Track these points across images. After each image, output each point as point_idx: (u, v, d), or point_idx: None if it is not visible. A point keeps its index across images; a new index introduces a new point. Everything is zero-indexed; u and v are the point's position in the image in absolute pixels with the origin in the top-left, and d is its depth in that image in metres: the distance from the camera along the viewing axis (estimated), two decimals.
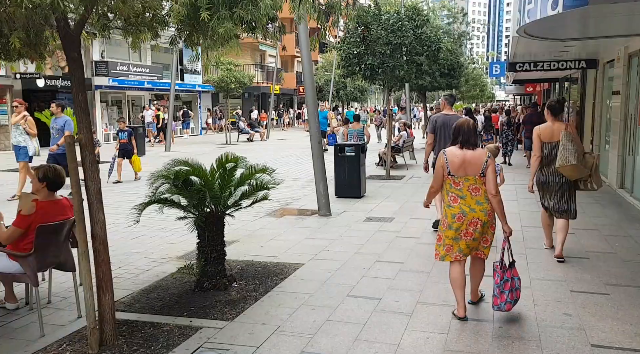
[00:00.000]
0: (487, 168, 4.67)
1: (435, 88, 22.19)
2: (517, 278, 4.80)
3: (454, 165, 4.72)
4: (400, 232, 8.12)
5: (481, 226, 4.68)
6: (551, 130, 6.41)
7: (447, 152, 4.80)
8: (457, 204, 4.72)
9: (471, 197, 4.70)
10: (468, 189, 4.72)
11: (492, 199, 4.65)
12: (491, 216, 4.72)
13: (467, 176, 4.71)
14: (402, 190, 12.03)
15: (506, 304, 4.66)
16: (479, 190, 4.70)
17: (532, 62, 14.62)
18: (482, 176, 4.68)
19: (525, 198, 10.62)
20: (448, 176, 4.77)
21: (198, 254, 5.66)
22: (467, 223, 4.68)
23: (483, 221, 4.67)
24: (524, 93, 40.04)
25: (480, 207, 4.67)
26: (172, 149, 21.99)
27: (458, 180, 4.73)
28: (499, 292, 4.66)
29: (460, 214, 4.69)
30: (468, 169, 4.70)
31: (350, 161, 11.09)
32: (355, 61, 12.95)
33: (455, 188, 4.75)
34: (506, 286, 4.67)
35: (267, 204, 10.41)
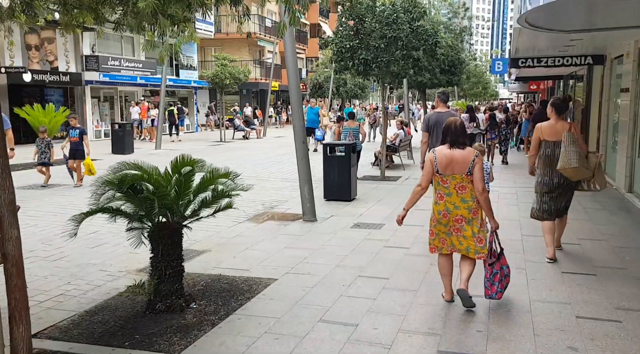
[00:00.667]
0: (475, 167, 4.78)
1: (435, 85, 21.41)
2: (506, 267, 5.01)
3: (442, 164, 4.86)
4: (389, 241, 7.42)
5: (466, 223, 4.88)
6: (554, 129, 6.25)
7: (437, 151, 4.93)
8: (443, 202, 4.93)
9: (457, 195, 4.86)
10: (455, 187, 4.86)
11: (479, 197, 4.80)
12: (476, 214, 4.87)
13: (454, 175, 4.85)
14: (396, 192, 11.32)
15: (497, 294, 4.94)
16: (466, 188, 4.84)
17: (536, 58, 13.89)
18: (469, 175, 4.81)
19: (526, 203, 9.90)
20: (436, 174, 4.92)
21: (151, 270, 4.97)
22: (452, 220, 4.91)
23: (467, 218, 4.86)
24: (528, 91, 39.24)
25: (465, 205, 4.85)
26: (162, 147, 21.29)
27: (445, 178, 4.88)
28: (489, 284, 4.94)
29: (444, 211, 4.92)
30: (455, 167, 4.83)
31: (340, 161, 10.39)
32: (348, 55, 12.22)
33: (443, 186, 4.91)
34: (496, 278, 4.92)
35: (251, 208, 9.75)
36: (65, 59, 23.39)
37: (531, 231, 7.83)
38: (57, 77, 22.64)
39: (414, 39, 12.11)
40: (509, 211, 9.30)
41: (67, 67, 23.44)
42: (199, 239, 7.51)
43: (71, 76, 23.43)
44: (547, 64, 13.70)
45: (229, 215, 9.12)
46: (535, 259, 6.53)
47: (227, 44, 38.98)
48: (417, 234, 7.78)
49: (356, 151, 10.87)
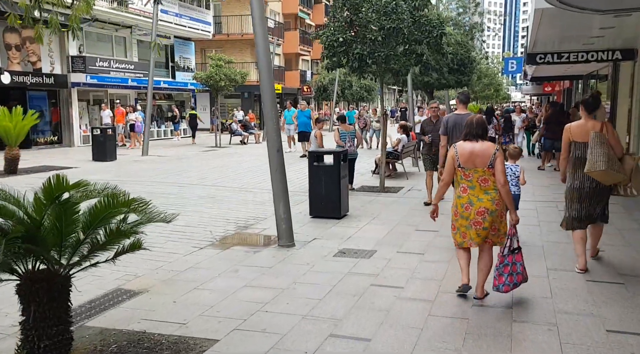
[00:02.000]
0: (496, 160, 4.90)
1: (443, 86, 19.86)
2: (520, 264, 5.02)
3: (464, 157, 5.00)
4: (379, 276, 5.86)
5: (489, 215, 4.94)
6: (585, 129, 5.86)
7: (457, 146, 5.10)
8: (466, 195, 5.04)
9: (480, 188, 4.98)
10: (477, 181, 4.99)
11: (500, 189, 4.90)
12: (499, 205, 4.95)
13: (476, 168, 4.97)
14: (395, 207, 9.76)
15: (504, 286, 4.93)
16: (488, 181, 4.94)
17: (556, 53, 12.29)
18: (490, 168, 4.91)
19: (549, 222, 8.32)
20: (458, 168, 5.05)
21: (20, 341, 3.46)
22: (475, 212, 4.97)
23: (490, 209, 4.93)
24: (542, 93, 37.49)
25: (488, 197, 4.95)
26: (150, 153, 19.86)
27: (468, 172, 5.00)
28: (497, 274, 4.97)
29: (467, 204, 5.01)
30: (476, 161, 4.96)
31: (327, 172, 8.86)
32: (341, 50, 10.69)
33: (466, 179, 5.04)
34: (505, 270, 4.94)
35: (221, 227, 8.24)
36: (50, 59, 22.04)
37: (558, 263, 6.23)
38: (40, 79, 21.28)
39: (416, 30, 10.55)
40: (530, 233, 7.68)
41: (52, 69, 22.09)
42: (141, 273, 6.00)
43: (56, 78, 22.08)
44: (569, 60, 12.10)
45: (192, 238, 7.65)
46: (568, 308, 4.95)
47: (228, 46, 37.60)
48: (415, 266, 6.21)
49: (347, 159, 9.30)
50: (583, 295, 5.24)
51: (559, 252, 6.71)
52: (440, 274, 5.91)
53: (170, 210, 9.42)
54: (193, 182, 12.94)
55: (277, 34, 40.79)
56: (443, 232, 7.85)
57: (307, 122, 18.96)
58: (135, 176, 13.90)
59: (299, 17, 46.77)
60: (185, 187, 12.13)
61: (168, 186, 12.29)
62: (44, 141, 22.38)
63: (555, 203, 9.92)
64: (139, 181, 13.08)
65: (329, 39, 10.70)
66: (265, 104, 7.17)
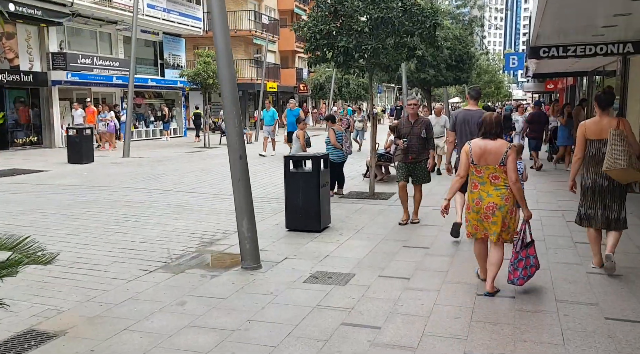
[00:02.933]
0: (508, 158, 5.04)
1: (441, 83, 18.80)
2: (533, 256, 5.16)
3: (477, 155, 5.17)
4: (353, 311, 4.84)
5: (497, 210, 5.06)
6: (600, 126, 5.64)
7: (472, 143, 5.27)
8: (477, 190, 5.22)
9: (490, 184, 5.13)
10: (488, 177, 5.14)
11: (512, 187, 5.03)
12: (508, 201, 5.07)
13: (487, 165, 5.13)
14: (383, 217, 8.74)
15: (519, 280, 5.07)
16: (499, 178, 5.11)
17: (561, 46, 11.24)
18: (502, 165, 5.07)
19: (555, 236, 7.31)
20: (471, 165, 5.22)
21: None
22: (484, 207, 5.13)
23: (499, 205, 5.06)
24: (544, 91, 36.41)
25: (498, 193, 5.09)
26: (131, 154, 18.84)
27: (480, 168, 5.17)
28: (512, 269, 5.10)
29: (478, 199, 5.19)
30: (489, 158, 5.12)
31: (305, 179, 7.84)
32: (324, 43, 9.66)
33: (477, 175, 5.21)
34: (519, 265, 5.07)
35: (181, 244, 7.22)
36: (29, 56, 21.02)
37: (569, 294, 5.20)
38: (17, 76, 20.27)
39: (407, 21, 9.52)
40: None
41: (31, 66, 21.07)
42: (67, 306, 4.99)
43: (35, 76, 21.06)
44: (576, 54, 11.06)
45: (144, 258, 6.61)
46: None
47: None
48: (397, 296, 5.19)
49: (328, 164, 8.28)
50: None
51: (570, 277, 5.69)
52: (427, 308, 4.89)
53: (128, 222, 8.49)
54: (167, 187, 11.92)
55: (272, 31, 39.76)
56: (434, 250, 6.84)
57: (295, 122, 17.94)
58: (106, 181, 12.89)
59: (295, 13, 45.71)
60: (156, 194, 11.10)
61: (137, 192, 11.26)
62: (23, 141, 21.36)
63: (561, 212, 8.92)
64: (108, 186, 12.07)
65: (310, 31, 9.67)
66: (225, 102, 6.15)
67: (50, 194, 11.03)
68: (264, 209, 9.35)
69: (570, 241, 7.15)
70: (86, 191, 11.45)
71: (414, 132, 8.12)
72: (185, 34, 30.21)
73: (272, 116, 19.29)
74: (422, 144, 8.14)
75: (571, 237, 7.29)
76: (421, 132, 8.14)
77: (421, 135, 8.12)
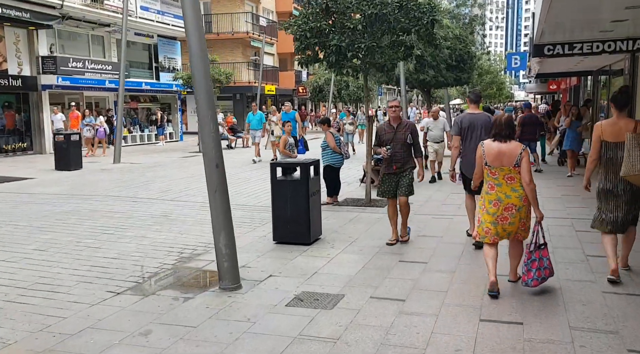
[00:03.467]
0: (522, 159, 5.10)
1: (441, 84, 18.19)
2: (547, 258, 5.14)
3: (490, 156, 5.21)
4: (338, 343, 4.24)
5: (516, 211, 5.14)
6: (617, 127, 5.42)
7: (485, 145, 5.29)
8: (494, 192, 5.23)
9: (507, 185, 5.17)
10: (504, 178, 5.18)
11: (526, 188, 5.07)
12: (526, 201, 5.14)
13: (502, 166, 5.16)
14: (379, 227, 8.16)
15: (533, 281, 5.05)
16: (514, 179, 5.14)
17: (567, 44, 10.64)
18: (516, 167, 5.10)
19: (564, 248, 6.70)
20: (485, 167, 5.27)
21: None
22: (503, 208, 5.16)
23: (518, 206, 5.13)
24: (547, 91, 35.81)
25: (515, 194, 5.13)
26: (123, 160, 18.27)
27: (494, 170, 5.21)
28: (526, 270, 5.10)
29: (496, 200, 5.20)
30: (503, 160, 5.15)
31: (294, 188, 7.26)
32: (314, 42, 9.08)
33: (492, 177, 5.24)
34: (533, 265, 5.07)
35: (157, 259, 6.64)
36: (17, 60, 20.47)
37: (583, 319, 4.59)
38: (6, 81, 19.72)
39: (402, 17, 8.94)
40: None
41: (20, 70, 20.52)
42: (15, 337, 4.41)
43: (24, 80, 20.50)
44: (582, 51, 10.47)
45: (113, 277, 5.97)
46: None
47: (218, 45, 36.08)
48: (390, 322, 4.59)
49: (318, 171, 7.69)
50: None
51: (584, 297, 5.09)
52: (423, 338, 4.29)
53: (104, 235, 7.90)
54: (153, 196, 11.33)
55: (270, 33, 39.24)
56: (433, 265, 6.24)
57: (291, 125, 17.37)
58: (91, 189, 12.31)
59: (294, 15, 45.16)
60: (140, 203, 10.51)
61: (121, 201, 10.68)
62: (12, 147, 20.81)
63: (570, 220, 8.31)
64: (92, 195, 11.49)
65: (300, 29, 9.10)
66: (200, 104, 5.57)
67: (28, 204, 10.45)
68: (252, 219, 8.77)
69: (582, 253, 6.54)
70: (66, 200, 10.87)
71: (397, 139, 7.08)
72: (181, 37, 29.66)
73: (259, 120, 18.31)
74: (407, 151, 7.11)
75: (582, 250, 6.68)
76: (406, 137, 7.07)
77: (406, 141, 7.06)
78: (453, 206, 9.55)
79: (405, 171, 7.17)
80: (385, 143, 7.16)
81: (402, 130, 7.14)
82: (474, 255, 6.59)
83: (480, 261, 6.14)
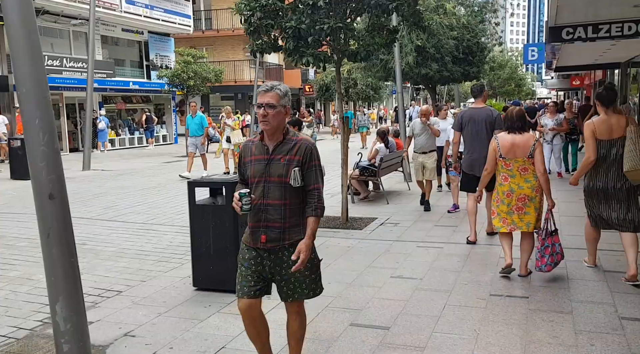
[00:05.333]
0: (535, 150, 5.28)
1: (447, 79, 16.17)
2: (558, 244, 5.33)
3: (505, 148, 5.37)
4: None
5: (529, 201, 5.31)
6: (608, 124, 5.26)
7: (499, 138, 5.46)
8: (507, 183, 5.41)
9: (520, 176, 5.35)
10: (517, 170, 5.36)
11: (540, 177, 5.27)
12: (538, 192, 5.32)
13: (516, 158, 5.34)
14: (345, 261, 6.24)
15: (546, 266, 5.24)
16: (528, 170, 5.33)
17: (590, 25, 8.59)
18: (530, 158, 5.29)
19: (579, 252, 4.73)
20: (500, 159, 5.42)
21: None
22: (516, 199, 5.35)
23: (530, 196, 5.32)
24: (569, 87, 33.46)
25: (528, 185, 5.32)
26: (95, 166, 16.56)
27: (509, 161, 5.38)
28: (539, 256, 5.28)
29: (509, 191, 5.39)
30: (517, 151, 5.34)
31: (216, 216, 5.37)
32: (266, 24, 7.18)
33: (506, 169, 5.42)
34: (546, 251, 5.25)
35: (16, 319, 4.78)
36: None
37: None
38: None
39: None
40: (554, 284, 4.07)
41: None
42: None
43: None
44: (610, 34, 8.40)
45: None
46: None
47: (219, 42, 34.44)
48: None
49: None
50: None
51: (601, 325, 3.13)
52: None
53: None
54: (93, 214, 9.52)
55: None
56: (395, 329, 4.28)
57: None
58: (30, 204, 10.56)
59: None
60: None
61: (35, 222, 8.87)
62: None
63: None
64: (21, 213, 9.73)
65: (248, 7, 7.20)
66: (24, 101, 3.66)
67: None
68: (173, 254, 6.89)
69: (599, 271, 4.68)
70: None
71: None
72: (173, 33, 28.01)
73: (199, 124, 14.18)
74: None
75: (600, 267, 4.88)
76: None
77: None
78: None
79: None
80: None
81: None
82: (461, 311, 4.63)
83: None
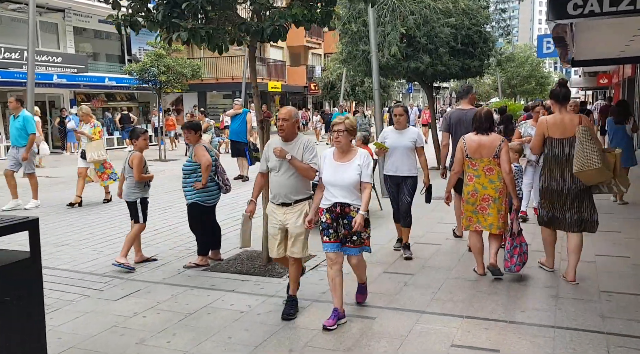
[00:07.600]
0: (501, 150, 5.37)
1: (443, 75, 13.79)
2: (525, 244, 5.49)
3: (471, 149, 5.47)
4: None
5: (493, 202, 5.42)
6: (562, 123, 5.24)
7: (466, 138, 5.57)
8: (472, 183, 5.52)
9: (485, 177, 5.46)
10: (483, 170, 5.47)
11: (505, 177, 5.37)
12: (502, 193, 5.42)
13: (482, 158, 5.45)
14: (217, 344, 4.01)
15: (515, 267, 5.38)
16: (493, 170, 5.43)
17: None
18: (495, 158, 5.39)
19: None
20: (466, 159, 5.54)
21: None
22: (480, 199, 5.47)
23: (494, 197, 5.42)
24: (596, 86, 30.64)
25: (492, 185, 5.43)
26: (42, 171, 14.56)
27: (475, 161, 5.49)
28: (509, 256, 5.41)
29: (473, 191, 5.51)
30: (483, 151, 5.43)
31: None
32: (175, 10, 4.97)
33: (472, 169, 5.53)
34: (515, 251, 5.38)
35: None
36: None
37: None
38: None
39: None
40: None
41: None
42: None
43: None
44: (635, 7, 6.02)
45: None
46: None
47: None
48: None
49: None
50: None
51: None
52: None
53: None
54: None
55: None
56: None
57: (239, 129, 13.41)
58: None
59: None
60: None
61: None
62: None
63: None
64: None
65: None
66: None
67: None
68: None
69: None
70: None
71: None
72: None
73: (21, 129, 10.03)
74: None
75: None
76: None
77: None
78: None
79: None
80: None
81: None
82: None
83: None
